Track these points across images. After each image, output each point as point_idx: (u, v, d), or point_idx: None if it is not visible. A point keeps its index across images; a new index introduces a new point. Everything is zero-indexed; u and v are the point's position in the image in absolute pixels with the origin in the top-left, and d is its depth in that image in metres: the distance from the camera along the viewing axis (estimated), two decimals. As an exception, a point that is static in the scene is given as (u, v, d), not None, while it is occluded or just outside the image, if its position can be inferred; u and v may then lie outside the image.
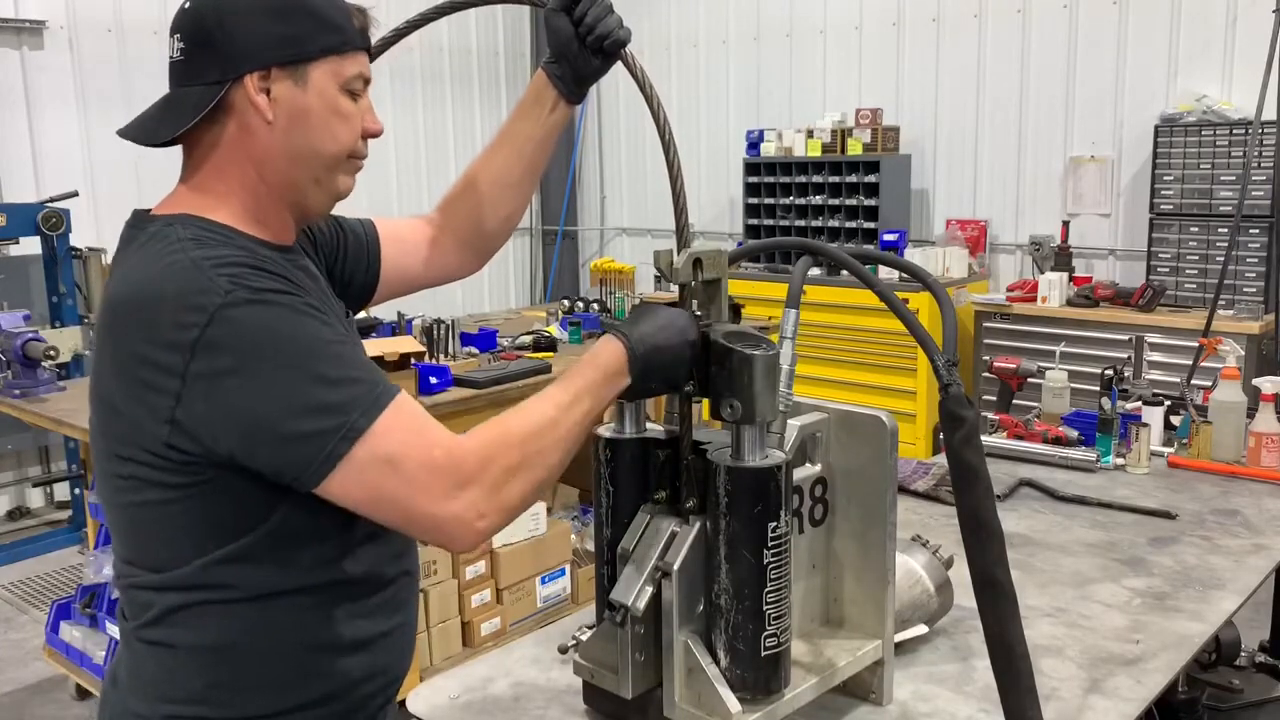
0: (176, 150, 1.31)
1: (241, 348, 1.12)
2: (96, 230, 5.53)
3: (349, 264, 1.52)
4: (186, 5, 1.26)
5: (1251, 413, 2.71)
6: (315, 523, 1.23)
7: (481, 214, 1.61)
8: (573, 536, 4.07)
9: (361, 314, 4.06)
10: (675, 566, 1.30)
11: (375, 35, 1.37)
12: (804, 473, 1.47)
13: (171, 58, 1.26)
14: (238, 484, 1.18)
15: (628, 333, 1.27)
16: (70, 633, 3.59)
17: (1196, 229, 5.15)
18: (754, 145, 6.66)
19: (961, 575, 1.44)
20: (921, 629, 1.72)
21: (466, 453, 1.17)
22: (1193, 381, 3.42)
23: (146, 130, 1.28)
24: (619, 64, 1.48)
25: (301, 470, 1.15)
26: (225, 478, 1.18)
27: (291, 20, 1.24)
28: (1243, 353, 3.02)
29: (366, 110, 1.32)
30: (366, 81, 1.32)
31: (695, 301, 1.33)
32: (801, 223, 6.41)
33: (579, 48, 1.46)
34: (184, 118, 1.24)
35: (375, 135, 1.34)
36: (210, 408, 1.13)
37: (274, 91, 1.24)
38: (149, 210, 1.31)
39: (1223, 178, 5.03)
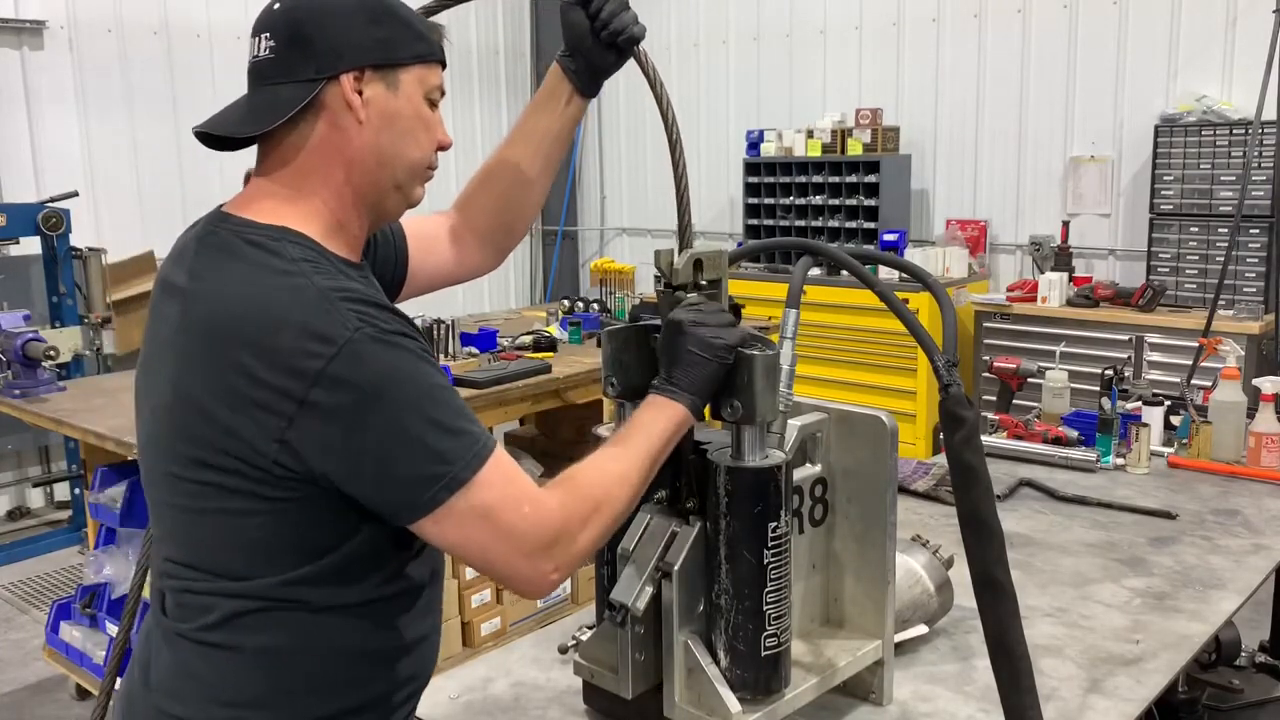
0: (177, 151, 1.31)
1: (364, 385, 1.13)
2: (96, 230, 5.54)
3: (379, 263, 1.52)
4: (276, 6, 1.26)
5: (1251, 413, 2.71)
6: (387, 545, 1.25)
7: (501, 210, 1.62)
8: (573, 536, 4.06)
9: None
10: (675, 566, 1.30)
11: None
12: (804, 473, 1.48)
13: (257, 56, 1.26)
14: (326, 507, 1.19)
15: (676, 389, 1.29)
16: (70, 633, 3.59)
17: (1196, 229, 5.15)
18: (754, 145, 6.66)
19: (961, 575, 1.44)
20: (921, 629, 1.72)
21: (550, 510, 1.21)
22: (1193, 381, 3.42)
23: (231, 128, 1.26)
24: (629, 61, 1.49)
25: (400, 509, 1.17)
26: (317, 499, 1.18)
27: (385, 25, 1.26)
28: (1243, 353, 3.02)
29: (440, 123, 1.35)
30: (443, 93, 1.34)
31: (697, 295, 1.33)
32: (801, 223, 6.41)
33: (594, 42, 1.47)
34: (276, 113, 1.23)
35: (446, 148, 1.36)
36: (322, 437, 1.14)
37: (366, 93, 1.25)
38: (225, 207, 1.28)
39: (1223, 178, 5.03)
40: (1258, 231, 4.94)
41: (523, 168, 1.59)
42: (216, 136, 1.28)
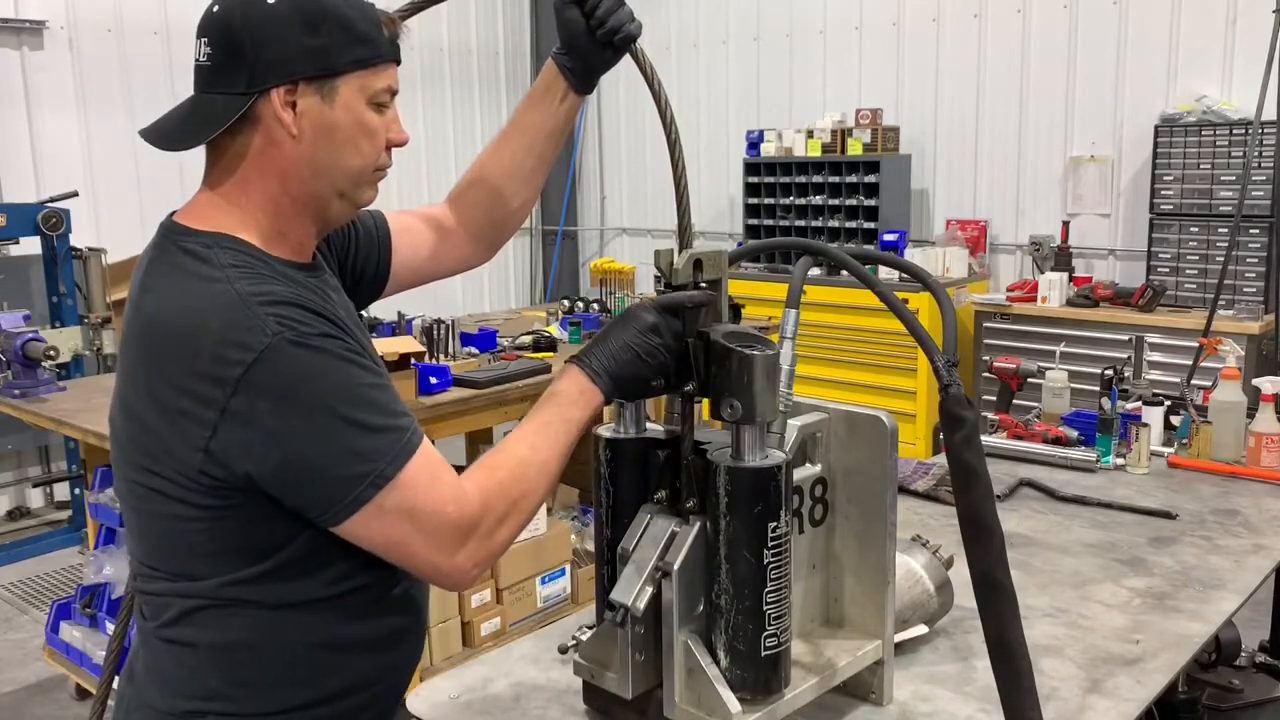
0: (177, 153, 1.31)
1: (282, 390, 1.14)
2: (96, 230, 5.54)
3: (360, 259, 1.53)
4: (215, 9, 1.24)
5: (1251, 413, 2.70)
6: (333, 546, 1.25)
7: (493, 205, 1.61)
8: (573, 536, 4.07)
9: (361, 313, 4.09)
10: (675, 566, 1.30)
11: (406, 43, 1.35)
12: (804, 473, 1.47)
13: (198, 61, 1.25)
14: (263, 510, 1.20)
15: (581, 354, 1.30)
16: (70, 633, 3.59)
17: (1196, 229, 5.15)
18: (754, 145, 6.67)
19: (961, 575, 1.44)
20: (921, 629, 1.72)
21: (471, 506, 1.22)
22: (1193, 381, 3.42)
23: (170, 136, 1.26)
24: (626, 59, 1.49)
25: (325, 510, 1.18)
26: (251, 504, 1.20)
27: (321, 32, 1.22)
28: (1243, 353, 3.02)
29: (393, 121, 1.32)
30: (394, 93, 1.31)
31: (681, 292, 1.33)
32: (801, 223, 6.42)
33: (590, 40, 1.47)
34: (209, 127, 1.23)
35: (401, 145, 1.34)
36: (244, 443, 1.15)
37: (300, 105, 1.23)
38: (174, 215, 1.30)
39: (1223, 178, 5.03)
40: (1258, 231, 4.94)
41: (516, 163, 1.59)
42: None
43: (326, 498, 1.17)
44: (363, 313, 4.31)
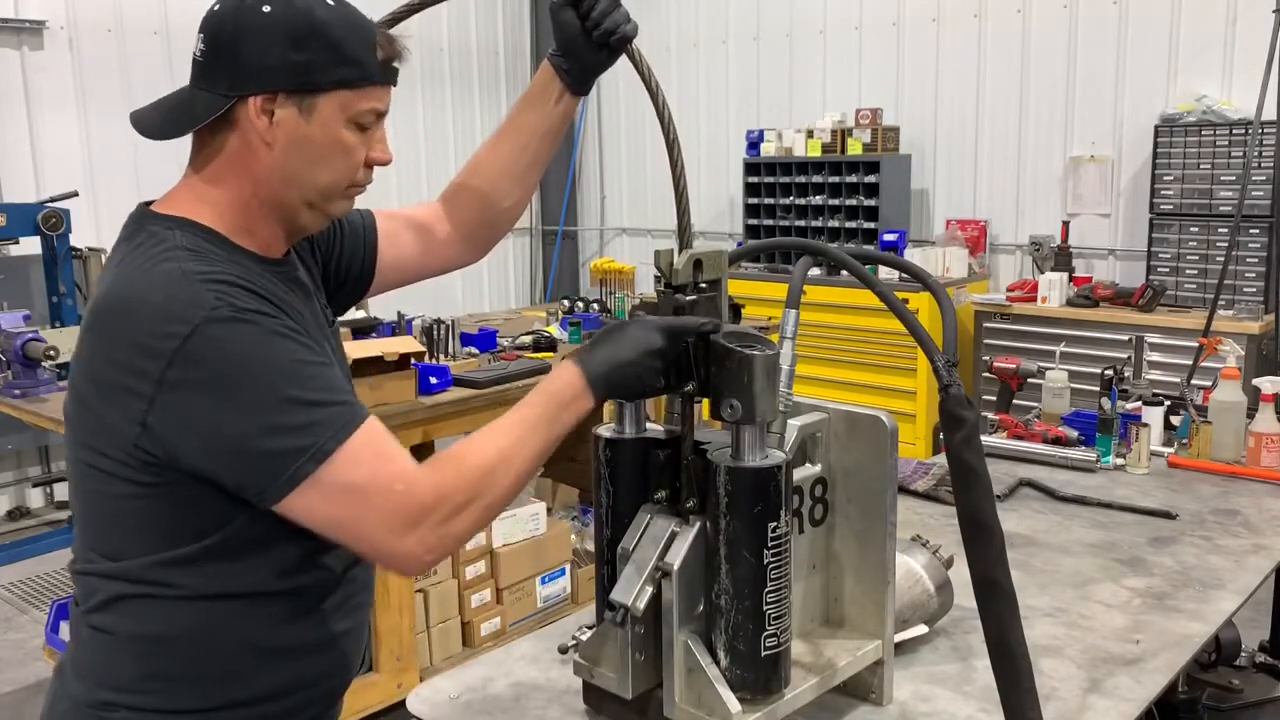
0: (176, 148, 1.32)
1: (218, 363, 1.14)
2: (96, 230, 5.53)
3: (345, 257, 1.53)
4: (216, 7, 1.26)
5: (1251, 413, 2.70)
6: (269, 535, 1.24)
7: (485, 205, 1.61)
8: (573, 536, 4.07)
9: (361, 313, 4.09)
10: (675, 566, 1.30)
11: (404, 65, 1.33)
12: (804, 473, 1.47)
13: (194, 54, 1.27)
14: (199, 491, 1.20)
15: (583, 356, 1.29)
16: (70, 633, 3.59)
17: (1196, 229, 5.15)
18: (754, 145, 6.66)
19: (961, 575, 1.44)
20: (921, 629, 1.72)
21: (425, 489, 1.19)
22: (1193, 381, 3.42)
23: (152, 125, 1.29)
24: (623, 59, 1.48)
25: (264, 487, 1.16)
26: (188, 483, 1.19)
27: (307, 48, 1.22)
28: (1243, 353, 3.02)
29: (377, 141, 1.31)
30: (380, 114, 1.30)
31: (681, 304, 1.32)
32: (801, 223, 6.41)
33: (586, 42, 1.47)
34: (188, 123, 1.26)
35: (383, 164, 1.33)
36: (180, 417, 1.15)
37: (277, 115, 1.24)
38: (151, 204, 1.32)
39: (1223, 178, 5.03)
40: (1258, 231, 4.94)
41: (510, 163, 1.59)
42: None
43: (263, 473, 1.15)
44: (362, 313, 4.29)
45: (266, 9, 1.22)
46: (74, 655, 1.32)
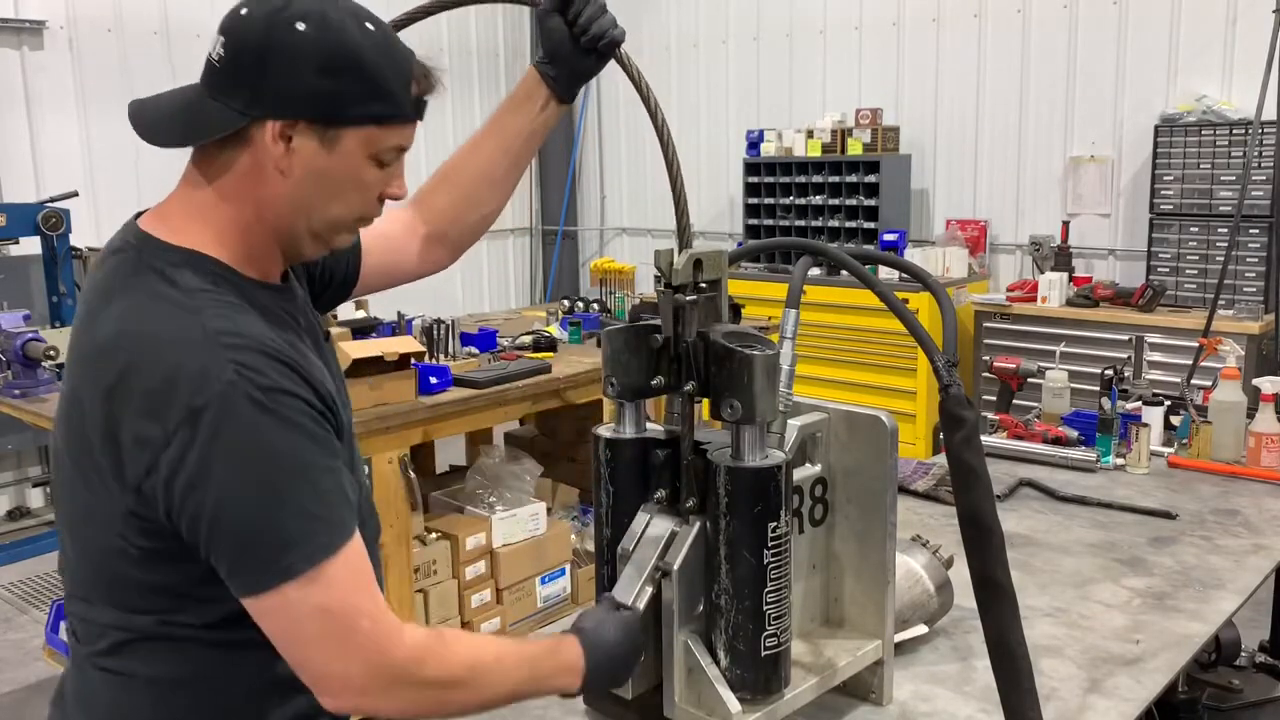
0: (176, 151, 1.24)
1: (224, 444, 1.07)
2: (96, 230, 5.52)
3: (329, 262, 1.47)
4: (243, 10, 1.16)
5: (1251, 413, 2.70)
6: None
7: (461, 209, 1.56)
8: (573, 536, 4.07)
9: (361, 313, 4.09)
10: (675, 566, 1.30)
11: (437, 98, 1.26)
12: (804, 473, 1.47)
13: (210, 57, 1.16)
14: (198, 557, 1.13)
15: (598, 658, 1.27)
16: (70, 633, 3.59)
17: (1196, 229, 5.15)
18: (754, 145, 6.66)
19: (961, 575, 1.44)
20: (921, 629, 1.72)
21: (397, 640, 1.13)
22: (1193, 381, 3.42)
23: (157, 129, 1.19)
24: (615, 63, 1.48)
25: (233, 577, 1.11)
26: (188, 550, 1.13)
27: (339, 78, 1.13)
28: (1243, 353, 3.02)
29: (394, 176, 1.24)
30: (403, 150, 1.23)
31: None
32: (801, 223, 6.41)
33: (574, 48, 1.45)
34: (197, 134, 1.17)
35: (396, 200, 1.28)
36: (172, 487, 1.08)
37: (295, 143, 1.15)
38: (145, 218, 1.24)
39: (1223, 178, 5.03)
40: (1258, 231, 4.94)
41: (490, 168, 1.54)
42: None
43: (238, 565, 1.10)
44: (362, 313, 4.27)
45: (301, 26, 1.12)
46: (83, 696, 1.26)
